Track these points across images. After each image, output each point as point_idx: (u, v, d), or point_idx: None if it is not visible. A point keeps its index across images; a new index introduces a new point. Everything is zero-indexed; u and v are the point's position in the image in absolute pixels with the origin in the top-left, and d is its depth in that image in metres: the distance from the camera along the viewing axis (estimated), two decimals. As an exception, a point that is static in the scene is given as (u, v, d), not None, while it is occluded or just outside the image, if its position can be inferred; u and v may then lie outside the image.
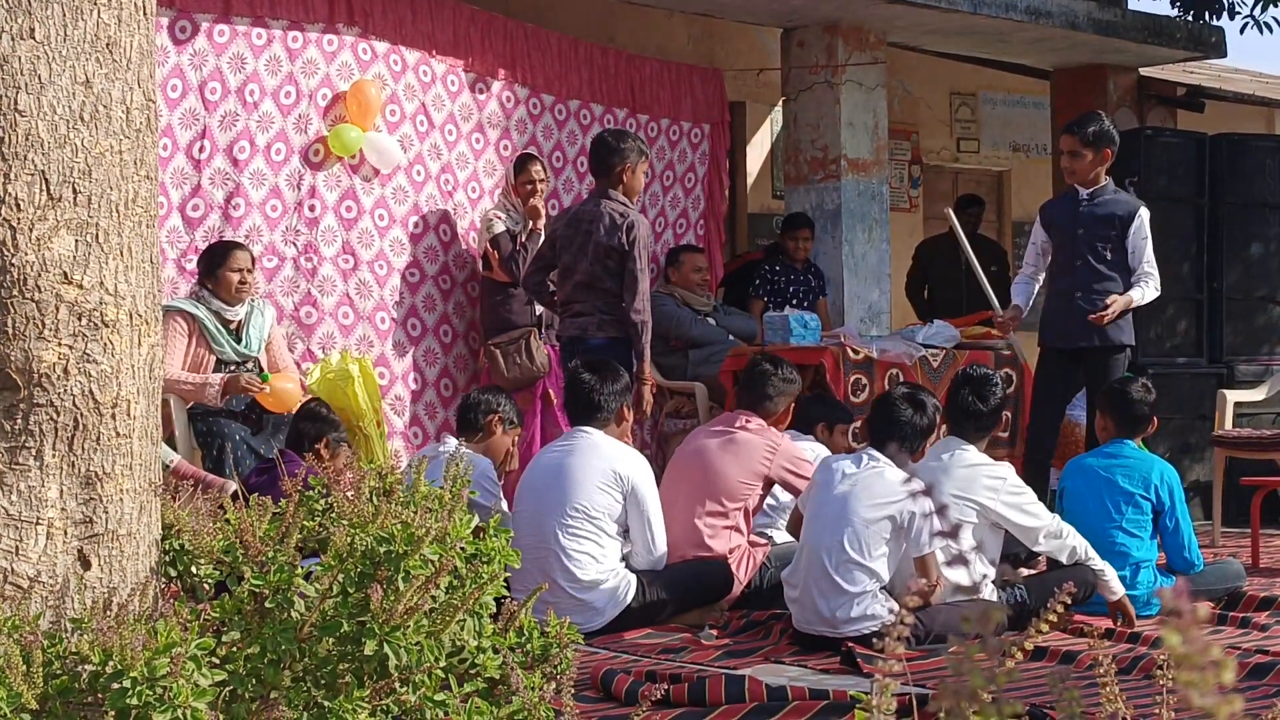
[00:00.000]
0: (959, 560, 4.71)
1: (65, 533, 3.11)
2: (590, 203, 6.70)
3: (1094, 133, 6.87)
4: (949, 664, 1.31)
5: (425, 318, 7.55)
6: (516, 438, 6.13)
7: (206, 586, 3.40)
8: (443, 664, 3.04)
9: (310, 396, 5.94)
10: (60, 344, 3.11)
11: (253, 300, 6.47)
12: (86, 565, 3.14)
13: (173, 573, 3.37)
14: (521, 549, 5.17)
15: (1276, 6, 11.65)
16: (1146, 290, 6.76)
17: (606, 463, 5.46)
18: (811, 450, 6.29)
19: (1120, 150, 7.03)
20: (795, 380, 6.18)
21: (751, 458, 5.87)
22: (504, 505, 5.77)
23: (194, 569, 3.37)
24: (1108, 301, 6.69)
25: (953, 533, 1.27)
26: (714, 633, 5.40)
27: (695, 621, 5.55)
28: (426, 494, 3.33)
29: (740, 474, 5.86)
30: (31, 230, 3.08)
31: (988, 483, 5.38)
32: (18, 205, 3.07)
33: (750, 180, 11.11)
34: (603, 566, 5.40)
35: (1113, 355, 6.78)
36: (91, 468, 3.15)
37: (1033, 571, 5.93)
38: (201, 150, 6.83)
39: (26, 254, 3.07)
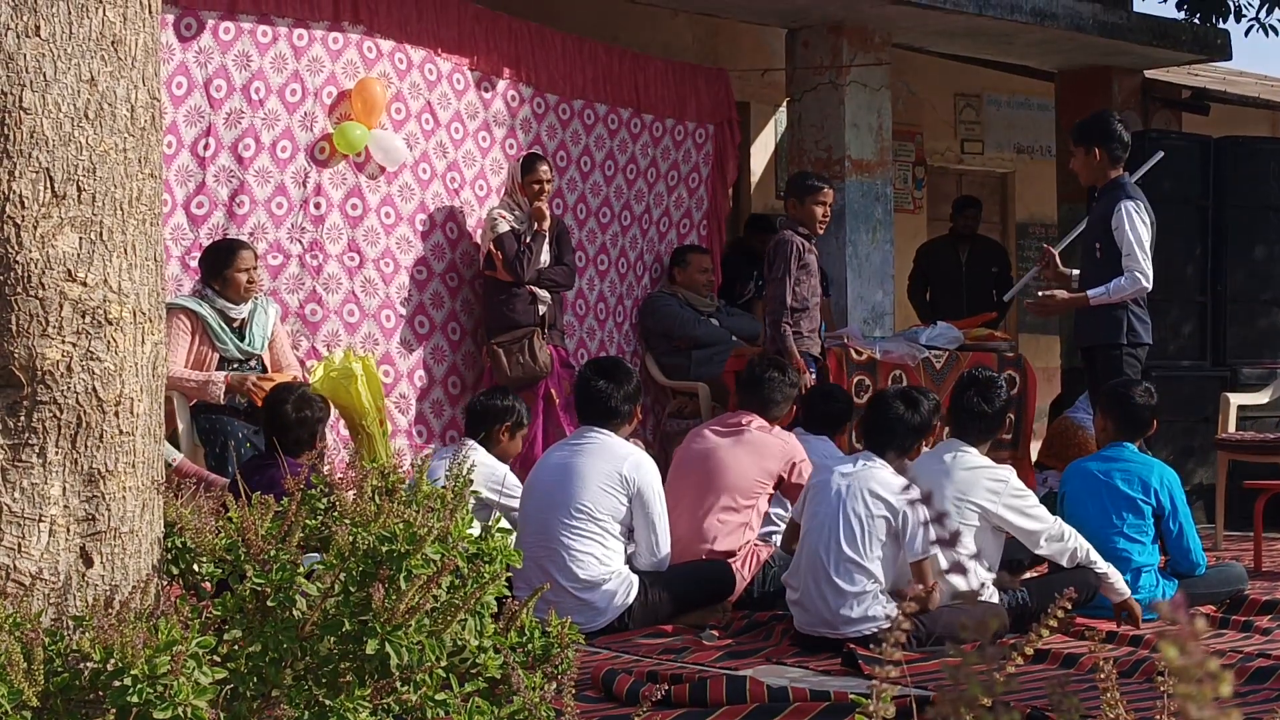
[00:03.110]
0: (958, 567, 4.72)
1: (68, 530, 3.12)
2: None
3: (1079, 130, 6.94)
4: (946, 672, 1.31)
5: (433, 315, 7.55)
6: (523, 436, 6.24)
7: (208, 584, 3.40)
8: (444, 663, 3.05)
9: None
10: (64, 341, 3.11)
11: (256, 298, 6.47)
12: (89, 562, 3.14)
13: (175, 570, 3.38)
14: (526, 548, 5.21)
15: (1282, 9, 11.64)
16: (1119, 283, 6.71)
17: (613, 464, 5.47)
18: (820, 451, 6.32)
19: (1128, 149, 6.98)
20: (797, 383, 6.31)
21: (766, 456, 5.93)
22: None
23: (196, 567, 3.37)
24: (1052, 294, 6.79)
25: (951, 540, 1.27)
26: (715, 633, 5.40)
27: (697, 622, 5.55)
28: (429, 493, 3.33)
29: (755, 472, 5.90)
30: (36, 228, 3.08)
31: (989, 485, 5.38)
32: (22, 203, 3.07)
33: (754, 180, 11.11)
34: (606, 567, 5.41)
35: (1108, 353, 6.76)
36: (94, 465, 3.16)
37: (1035, 574, 5.93)
38: (206, 148, 6.83)
39: (31, 251, 3.08)
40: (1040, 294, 6.99)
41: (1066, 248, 7.02)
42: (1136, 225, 6.74)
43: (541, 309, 7.59)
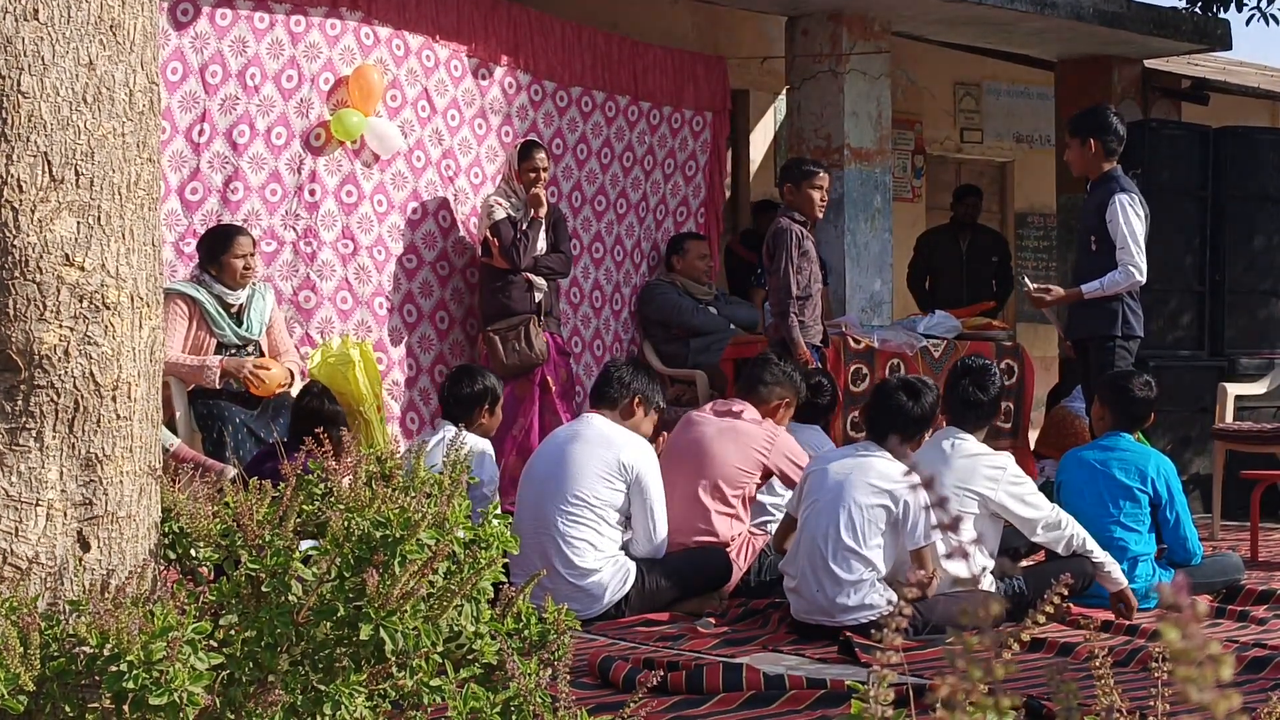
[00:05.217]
0: (959, 553, 4.73)
1: (65, 514, 3.11)
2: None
3: (1075, 122, 6.97)
4: (946, 656, 1.31)
5: (421, 304, 7.54)
6: (501, 406, 6.23)
7: (205, 570, 3.40)
8: (439, 649, 3.04)
9: (312, 384, 5.93)
10: (61, 326, 3.11)
11: (254, 284, 6.46)
12: (86, 547, 3.14)
13: (171, 555, 3.37)
14: (522, 534, 5.22)
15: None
16: (1114, 277, 6.78)
17: (612, 452, 5.47)
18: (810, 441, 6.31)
19: (1123, 143, 7.04)
20: (795, 378, 6.24)
21: (750, 446, 5.90)
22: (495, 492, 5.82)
23: (193, 552, 3.37)
24: (1048, 288, 6.89)
25: (953, 525, 1.27)
26: (712, 621, 5.40)
27: (694, 610, 5.55)
28: (425, 479, 3.33)
29: (739, 461, 5.88)
30: (33, 212, 3.08)
31: (988, 473, 5.38)
32: (20, 187, 3.07)
33: (754, 168, 11.10)
34: (602, 554, 5.41)
35: (1102, 344, 6.82)
36: (92, 450, 3.15)
37: (1030, 563, 5.93)
38: (201, 134, 6.82)
39: (28, 235, 3.07)
40: (1035, 289, 7.05)
41: (1063, 239, 7.08)
42: (1131, 218, 6.79)
43: (537, 296, 7.59)
